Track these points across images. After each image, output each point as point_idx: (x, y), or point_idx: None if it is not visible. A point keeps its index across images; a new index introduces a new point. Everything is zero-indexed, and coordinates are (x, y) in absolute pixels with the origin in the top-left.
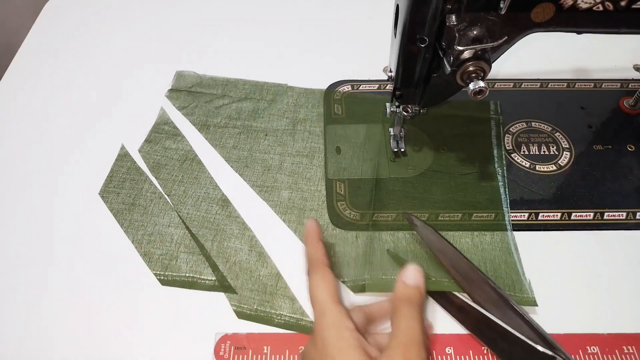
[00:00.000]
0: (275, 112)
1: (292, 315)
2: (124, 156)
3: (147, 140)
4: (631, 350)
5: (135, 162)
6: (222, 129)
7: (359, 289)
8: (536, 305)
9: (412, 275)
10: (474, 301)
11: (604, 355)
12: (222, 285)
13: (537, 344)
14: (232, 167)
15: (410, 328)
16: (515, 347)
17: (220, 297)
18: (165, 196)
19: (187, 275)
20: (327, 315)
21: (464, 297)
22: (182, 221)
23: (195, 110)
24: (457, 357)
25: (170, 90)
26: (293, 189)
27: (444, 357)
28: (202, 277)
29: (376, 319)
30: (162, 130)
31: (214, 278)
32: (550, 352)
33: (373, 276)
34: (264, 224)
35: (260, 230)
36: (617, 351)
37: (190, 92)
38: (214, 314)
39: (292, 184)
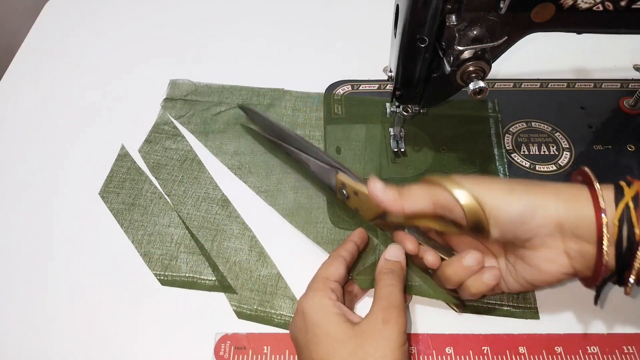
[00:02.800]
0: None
1: (293, 316)
2: (124, 156)
3: (147, 140)
4: (631, 350)
5: (135, 162)
6: (222, 134)
7: (368, 284)
8: (538, 318)
9: (393, 253)
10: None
11: (604, 355)
12: (222, 286)
13: (326, 164)
14: (235, 174)
15: (390, 294)
16: (310, 167)
17: (220, 297)
18: (165, 196)
19: (187, 275)
20: (312, 287)
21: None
22: (182, 221)
23: (192, 119)
24: (457, 357)
25: (165, 100)
26: (298, 189)
27: (443, 357)
28: (202, 277)
29: (359, 295)
30: (162, 130)
31: (214, 278)
32: (334, 167)
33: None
34: (264, 224)
35: (261, 230)
36: (617, 351)
37: (185, 100)
38: (214, 314)
39: (296, 182)
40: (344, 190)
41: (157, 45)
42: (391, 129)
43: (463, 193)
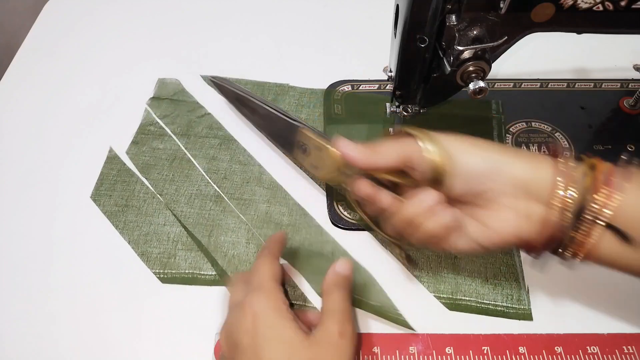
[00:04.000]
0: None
1: (294, 302)
2: (112, 158)
3: (134, 142)
4: (631, 350)
5: (124, 164)
6: (203, 139)
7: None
8: (531, 319)
9: (342, 266)
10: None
11: (604, 355)
12: (223, 279)
13: (290, 119)
14: (210, 178)
15: (344, 309)
16: (273, 122)
17: (220, 297)
18: (158, 196)
19: (186, 271)
20: (263, 288)
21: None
22: (177, 219)
23: (176, 120)
24: (457, 357)
25: (152, 99)
26: (271, 203)
27: (444, 357)
28: (202, 272)
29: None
30: (148, 131)
31: (214, 273)
32: (298, 123)
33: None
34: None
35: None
36: (617, 351)
37: (172, 100)
38: (213, 314)
39: (271, 197)
40: (305, 146)
41: (158, 44)
42: (391, 129)
43: (429, 143)
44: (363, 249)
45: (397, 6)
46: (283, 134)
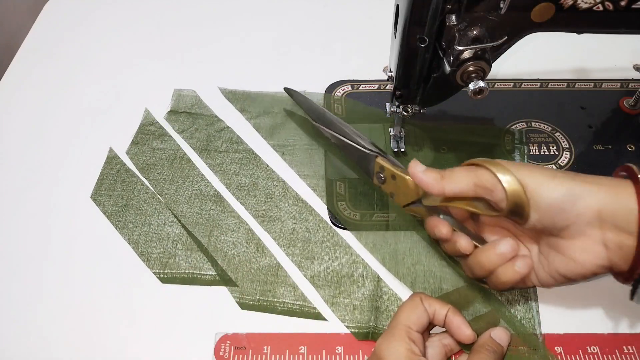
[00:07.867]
0: (292, 130)
1: (295, 302)
2: (112, 158)
3: (134, 142)
4: (631, 350)
5: (124, 164)
6: (223, 154)
7: (362, 336)
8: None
9: (500, 335)
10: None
11: (604, 355)
12: (223, 279)
13: (365, 149)
14: (233, 194)
15: None
16: (349, 152)
17: (220, 297)
18: (158, 196)
19: (186, 272)
20: (393, 334)
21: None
22: (177, 219)
23: (195, 134)
24: (453, 356)
25: (170, 112)
26: (297, 219)
27: None
28: (202, 272)
29: (454, 350)
30: (148, 131)
31: (214, 273)
32: (374, 152)
33: (379, 324)
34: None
35: (256, 222)
36: (617, 351)
37: (190, 113)
38: (213, 314)
39: (296, 213)
40: (381, 174)
41: (157, 45)
42: (391, 129)
43: (507, 175)
44: (363, 248)
45: (397, 6)
46: (360, 163)
